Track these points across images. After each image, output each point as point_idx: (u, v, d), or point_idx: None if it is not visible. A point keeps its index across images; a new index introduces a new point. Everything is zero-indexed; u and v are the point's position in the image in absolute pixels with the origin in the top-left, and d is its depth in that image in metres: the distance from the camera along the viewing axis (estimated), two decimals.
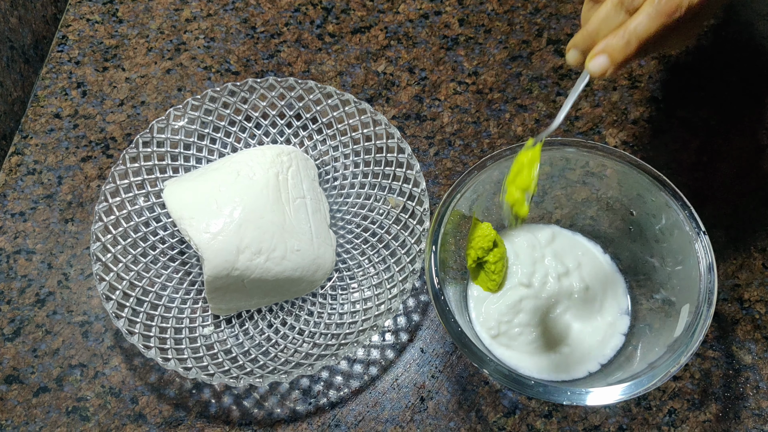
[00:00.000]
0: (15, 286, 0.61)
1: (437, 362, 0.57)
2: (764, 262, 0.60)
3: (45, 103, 0.71)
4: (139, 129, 0.69)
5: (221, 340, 0.57)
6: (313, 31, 0.74)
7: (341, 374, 0.57)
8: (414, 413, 0.55)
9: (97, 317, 0.60)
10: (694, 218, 0.49)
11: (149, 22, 0.75)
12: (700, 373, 0.56)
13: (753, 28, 0.71)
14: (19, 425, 0.56)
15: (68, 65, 0.73)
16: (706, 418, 0.55)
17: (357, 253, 0.61)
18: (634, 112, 0.67)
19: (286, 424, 0.55)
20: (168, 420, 0.56)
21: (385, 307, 0.56)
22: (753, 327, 0.57)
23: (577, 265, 0.55)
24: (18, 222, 0.64)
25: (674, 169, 0.64)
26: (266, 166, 0.58)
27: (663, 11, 0.41)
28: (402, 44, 0.72)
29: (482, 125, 0.67)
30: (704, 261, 0.47)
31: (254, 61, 0.72)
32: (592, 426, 0.54)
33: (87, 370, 0.58)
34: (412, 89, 0.70)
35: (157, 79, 0.72)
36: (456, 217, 0.52)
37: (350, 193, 0.64)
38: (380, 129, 0.62)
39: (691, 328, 0.45)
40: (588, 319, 0.54)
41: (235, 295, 0.56)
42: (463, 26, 0.73)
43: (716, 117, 0.67)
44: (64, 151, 0.68)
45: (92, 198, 0.65)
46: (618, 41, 0.41)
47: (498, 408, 0.55)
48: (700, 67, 0.69)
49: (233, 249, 0.54)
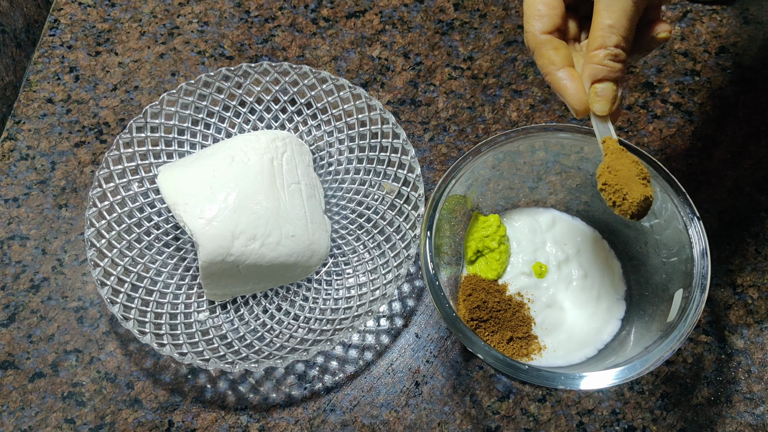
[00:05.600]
0: (9, 272, 0.61)
1: (432, 347, 0.58)
2: (757, 247, 0.60)
3: (37, 87, 0.70)
4: (133, 114, 0.68)
5: (216, 325, 0.57)
6: (307, 16, 0.73)
7: (336, 359, 0.57)
8: (409, 398, 0.56)
9: (92, 303, 0.60)
10: (688, 204, 0.49)
11: (142, 6, 0.74)
12: (692, 358, 0.56)
13: (748, 13, 0.71)
14: (14, 410, 0.56)
15: (60, 49, 0.72)
16: (698, 402, 0.55)
17: (352, 238, 0.61)
18: (629, 98, 0.67)
19: (282, 409, 0.56)
20: (163, 405, 0.56)
21: (380, 292, 0.56)
22: (745, 312, 0.58)
23: (576, 252, 0.55)
24: (11, 208, 0.64)
25: (668, 154, 0.64)
26: (261, 151, 0.58)
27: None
28: (397, 29, 0.72)
29: (477, 110, 0.67)
30: (698, 246, 0.48)
31: (248, 46, 0.72)
32: (585, 410, 0.55)
33: (82, 356, 0.58)
34: (407, 74, 0.70)
35: (150, 63, 0.71)
36: (451, 202, 0.52)
37: (345, 178, 0.64)
38: (375, 114, 0.61)
39: (685, 313, 0.46)
40: (586, 306, 0.54)
41: (230, 280, 0.56)
42: (458, 11, 0.73)
43: (710, 103, 0.67)
44: (57, 137, 0.67)
45: (86, 183, 0.65)
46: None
47: (492, 392, 0.56)
48: (694, 52, 0.69)
49: (228, 235, 0.54)
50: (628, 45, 0.40)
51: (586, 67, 0.41)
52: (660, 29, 0.42)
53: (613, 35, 0.39)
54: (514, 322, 0.53)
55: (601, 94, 0.41)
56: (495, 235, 0.55)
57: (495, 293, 0.54)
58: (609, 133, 0.43)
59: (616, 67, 0.40)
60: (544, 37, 0.42)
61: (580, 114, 0.42)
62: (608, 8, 0.39)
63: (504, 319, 0.53)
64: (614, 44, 0.39)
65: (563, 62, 0.42)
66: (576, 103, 0.41)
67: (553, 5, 0.41)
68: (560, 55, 0.42)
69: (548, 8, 0.41)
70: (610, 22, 0.39)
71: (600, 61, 0.40)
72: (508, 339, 0.52)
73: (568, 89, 0.41)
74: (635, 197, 0.40)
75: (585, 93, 0.41)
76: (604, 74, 0.40)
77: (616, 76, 0.40)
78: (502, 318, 0.53)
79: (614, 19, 0.39)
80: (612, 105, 0.41)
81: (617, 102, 0.41)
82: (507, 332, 0.52)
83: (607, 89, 0.40)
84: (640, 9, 0.39)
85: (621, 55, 0.40)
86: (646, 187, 0.41)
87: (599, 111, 0.41)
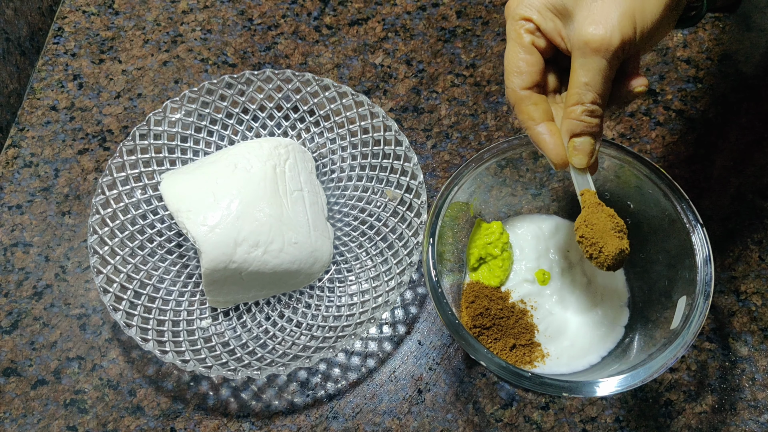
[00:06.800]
0: (12, 279, 0.61)
1: (434, 354, 0.57)
2: (761, 254, 0.60)
3: (41, 95, 0.70)
4: (136, 121, 0.68)
5: (219, 332, 0.57)
6: (310, 23, 0.73)
7: (339, 366, 0.57)
8: (411, 405, 0.56)
9: (95, 310, 0.60)
10: (691, 210, 0.49)
11: (145, 14, 0.75)
12: (696, 365, 0.56)
13: (750, 21, 0.71)
14: (17, 418, 0.56)
15: (64, 57, 0.72)
16: (702, 409, 0.55)
17: (354, 245, 0.61)
18: (631, 105, 0.67)
19: (284, 416, 0.55)
20: (166, 412, 0.56)
21: (382, 299, 0.56)
22: (749, 319, 0.58)
23: (579, 259, 0.55)
24: (15, 215, 0.64)
25: (671, 161, 0.64)
26: (263, 158, 0.58)
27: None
28: (399, 36, 0.72)
29: (480, 118, 0.67)
30: (701, 253, 0.47)
31: (251, 53, 0.72)
32: (589, 417, 0.55)
33: (85, 363, 0.58)
34: (409, 81, 0.70)
35: (153, 71, 0.71)
36: (454, 209, 0.52)
37: (348, 185, 0.64)
38: (378, 121, 0.62)
39: (688, 320, 0.46)
40: (589, 313, 0.54)
41: (233, 287, 0.56)
42: (461, 18, 0.73)
43: (713, 110, 0.67)
44: (61, 144, 0.67)
45: (89, 191, 0.65)
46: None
47: (495, 400, 0.56)
48: (697, 59, 0.69)
49: (231, 242, 0.54)
50: (604, 101, 0.41)
51: (564, 122, 0.42)
52: (636, 84, 0.43)
53: (589, 92, 0.41)
54: (517, 329, 0.53)
55: (579, 148, 0.42)
56: (498, 242, 0.55)
57: (498, 300, 0.54)
58: (587, 185, 0.44)
59: (592, 123, 0.42)
60: (524, 93, 0.43)
61: (559, 167, 0.43)
62: (584, 66, 0.40)
63: (507, 327, 0.53)
64: (590, 101, 0.41)
65: (542, 117, 0.43)
66: (555, 157, 0.43)
67: (532, 62, 0.43)
68: (540, 110, 0.43)
69: (527, 65, 0.42)
70: (586, 80, 0.40)
71: (577, 117, 0.41)
72: (511, 346, 0.52)
73: (547, 144, 0.43)
74: (611, 250, 0.42)
75: (563, 147, 0.43)
76: (581, 129, 0.42)
77: (593, 131, 0.42)
78: (505, 325, 0.53)
79: (590, 77, 0.40)
80: (590, 158, 0.43)
81: (594, 155, 0.43)
82: (510, 339, 0.52)
83: (585, 143, 0.42)
84: (615, 66, 0.41)
85: (597, 111, 0.41)
86: (621, 240, 0.42)
87: (577, 164, 0.43)
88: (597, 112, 0.41)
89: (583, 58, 0.40)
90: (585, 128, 0.42)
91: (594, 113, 0.41)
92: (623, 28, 0.39)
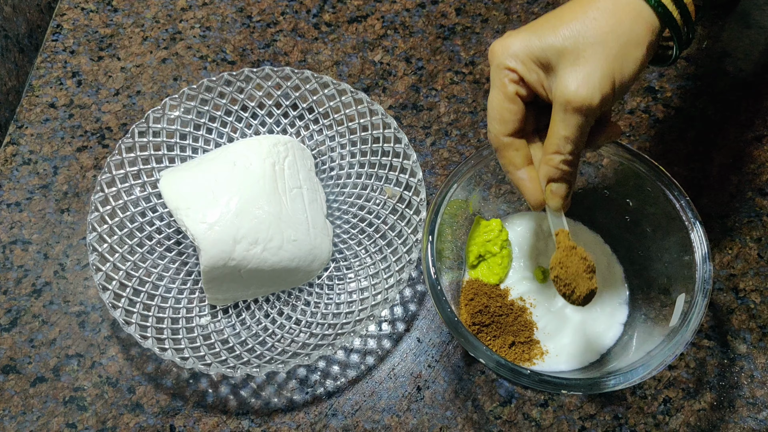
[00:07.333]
0: (11, 277, 0.61)
1: (434, 352, 0.58)
2: (759, 252, 0.60)
3: (40, 92, 0.70)
4: (135, 119, 0.68)
5: (218, 330, 0.57)
6: (309, 21, 0.73)
7: (338, 364, 0.57)
8: (410, 402, 0.56)
9: (94, 307, 0.60)
10: (690, 208, 0.49)
11: (144, 11, 0.75)
12: (695, 363, 0.56)
13: (750, 18, 0.71)
14: (16, 415, 0.56)
15: (63, 54, 0.72)
16: (701, 406, 0.55)
17: (354, 243, 0.61)
18: (631, 103, 0.67)
19: (284, 414, 0.55)
20: (165, 409, 0.56)
21: (381, 297, 0.56)
22: (748, 316, 0.58)
23: None
24: (14, 212, 0.64)
25: (670, 159, 0.64)
26: (263, 156, 0.58)
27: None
28: (399, 34, 0.72)
29: (479, 115, 0.67)
30: (700, 251, 0.48)
31: (250, 51, 0.72)
32: (587, 415, 0.55)
33: (84, 360, 0.58)
34: (408, 79, 0.70)
35: (152, 68, 0.71)
36: (453, 207, 0.52)
37: (347, 183, 0.64)
38: (377, 119, 0.62)
39: (687, 318, 0.46)
40: (588, 311, 0.54)
41: (232, 285, 0.56)
42: (460, 15, 0.73)
43: (712, 107, 0.67)
44: (60, 141, 0.67)
45: (88, 188, 0.65)
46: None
47: (494, 397, 0.56)
48: (696, 57, 0.69)
49: (230, 239, 0.54)
50: (579, 150, 0.44)
51: (542, 168, 0.45)
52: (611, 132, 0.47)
53: (567, 144, 0.43)
54: (516, 326, 0.53)
55: (555, 192, 0.45)
56: (497, 240, 0.55)
57: (497, 298, 0.54)
58: (562, 225, 0.47)
59: (568, 170, 0.44)
60: (506, 140, 0.45)
61: (536, 208, 0.47)
62: (564, 121, 0.42)
63: (506, 324, 0.53)
64: (568, 152, 0.43)
65: (522, 163, 0.46)
66: (533, 200, 0.46)
67: (514, 111, 0.44)
68: (520, 155, 0.46)
69: (510, 113, 0.44)
70: (565, 134, 0.42)
71: (555, 165, 0.44)
72: (510, 344, 0.52)
73: (527, 188, 0.46)
74: (582, 291, 0.45)
75: (541, 191, 0.46)
76: (558, 175, 0.44)
77: (568, 178, 0.45)
78: (504, 322, 0.53)
79: (569, 132, 0.42)
80: (564, 201, 0.46)
81: (569, 198, 0.46)
82: (509, 337, 0.52)
83: (561, 188, 0.45)
84: (592, 122, 0.43)
85: (573, 161, 0.44)
86: (591, 280, 0.45)
87: (553, 207, 0.46)
88: (573, 160, 0.44)
89: (564, 113, 0.42)
90: (562, 175, 0.44)
91: (570, 162, 0.44)
92: (603, 89, 0.41)
